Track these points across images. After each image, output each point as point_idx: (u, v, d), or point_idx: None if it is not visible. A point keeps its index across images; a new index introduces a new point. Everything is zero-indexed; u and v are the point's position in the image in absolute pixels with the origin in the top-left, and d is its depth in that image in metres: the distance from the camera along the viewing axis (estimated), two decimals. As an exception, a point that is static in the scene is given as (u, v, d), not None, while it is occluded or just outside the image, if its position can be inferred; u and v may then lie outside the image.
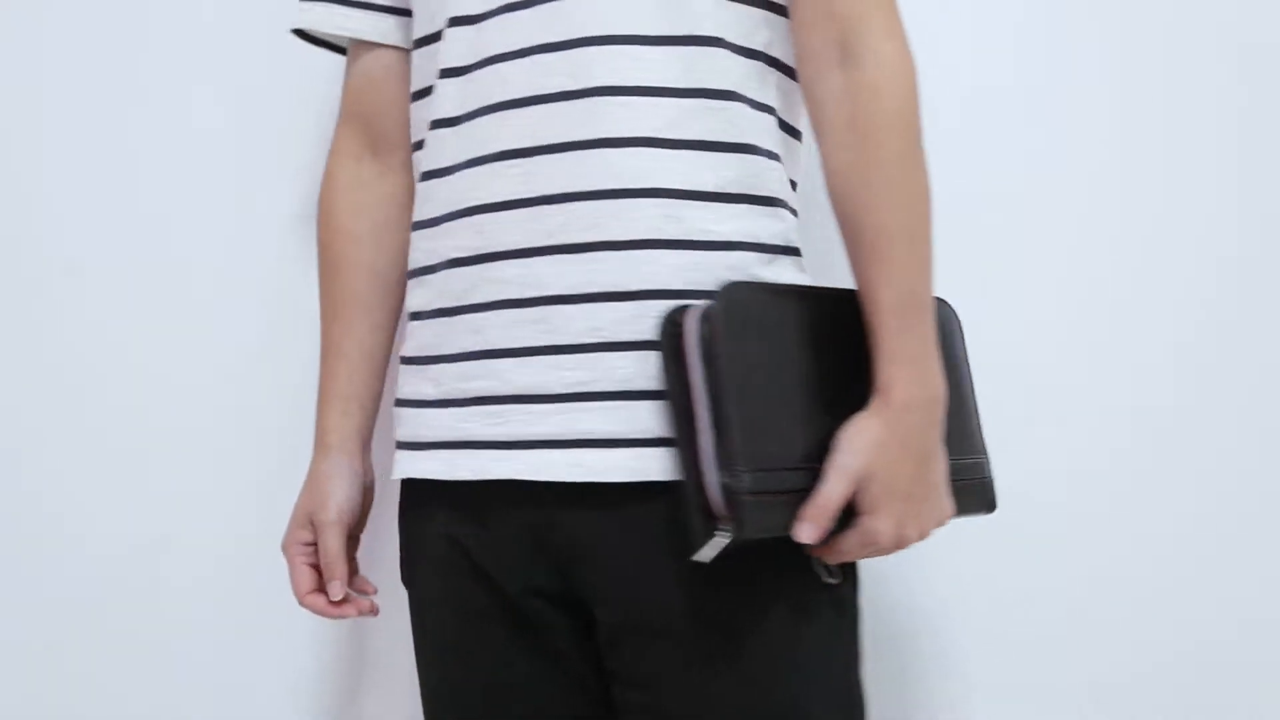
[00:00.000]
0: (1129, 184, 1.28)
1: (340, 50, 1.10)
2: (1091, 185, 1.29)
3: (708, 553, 0.82)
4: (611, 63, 0.88)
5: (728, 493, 0.81)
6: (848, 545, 0.86)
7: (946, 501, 0.89)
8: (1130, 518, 1.27)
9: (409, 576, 1.02)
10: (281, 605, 1.28)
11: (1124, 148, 1.28)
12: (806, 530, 0.83)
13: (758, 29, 0.92)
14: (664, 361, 0.85)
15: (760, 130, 0.92)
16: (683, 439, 0.84)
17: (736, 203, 0.90)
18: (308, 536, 1.03)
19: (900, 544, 0.86)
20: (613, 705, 0.93)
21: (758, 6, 0.93)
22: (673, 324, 0.85)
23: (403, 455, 0.98)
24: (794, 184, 0.98)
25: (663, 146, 0.88)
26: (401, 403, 0.99)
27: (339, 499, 1.01)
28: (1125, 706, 1.25)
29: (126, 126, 1.32)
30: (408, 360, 0.99)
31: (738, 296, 0.84)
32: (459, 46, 0.93)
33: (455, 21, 0.93)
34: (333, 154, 1.07)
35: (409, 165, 1.02)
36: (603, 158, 0.87)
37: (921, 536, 0.87)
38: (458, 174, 0.92)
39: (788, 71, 0.95)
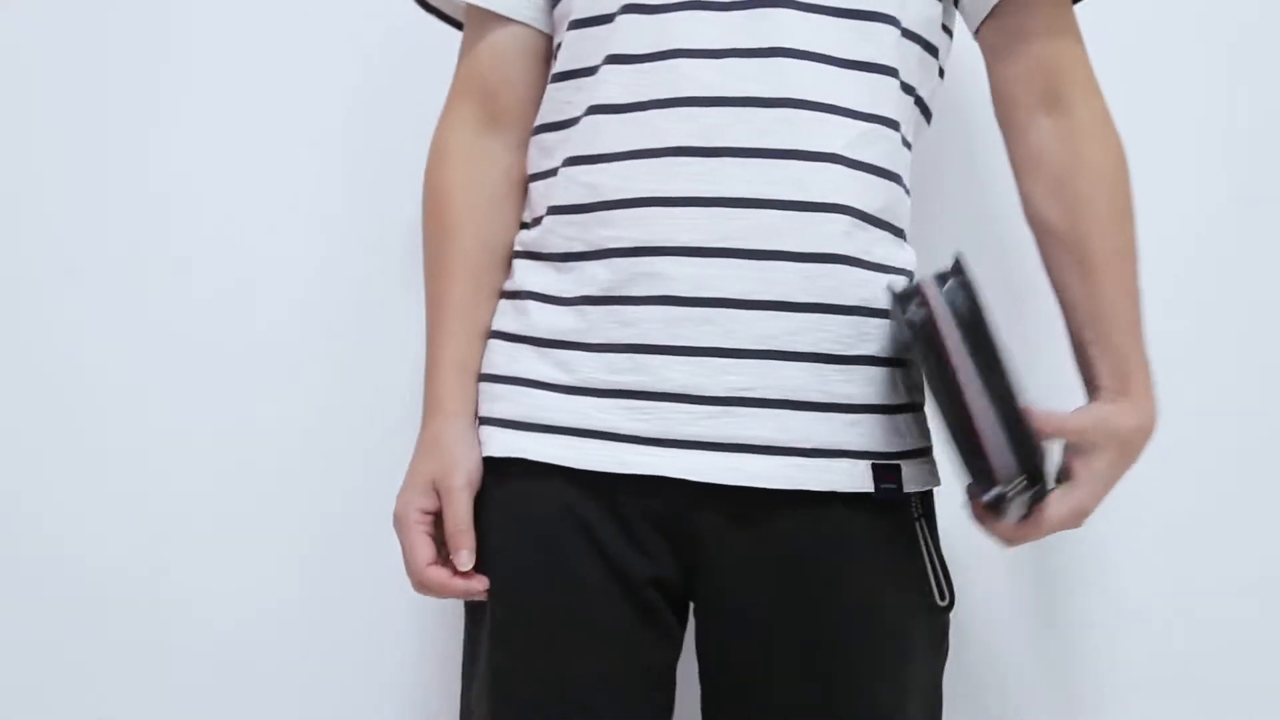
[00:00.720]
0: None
1: (453, 23, 1.08)
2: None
3: (1014, 512, 0.85)
4: (806, 78, 0.89)
5: (1033, 451, 0.83)
6: (1058, 513, 0.89)
7: None
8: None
9: (483, 555, 0.97)
10: (281, 606, 1.29)
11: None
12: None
13: (917, 68, 0.96)
14: (917, 335, 0.84)
15: (904, 164, 0.96)
16: (955, 414, 0.84)
17: (885, 229, 0.92)
18: (430, 504, 0.96)
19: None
20: (709, 703, 0.96)
21: (921, 46, 0.96)
22: (911, 298, 0.85)
23: (505, 433, 0.95)
24: None
25: (846, 165, 0.90)
26: (499, 379, 0.97)
27: (468, 464, 0.95)
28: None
29: (121, 125, 1.31)
30: (516, 338, 0.97)
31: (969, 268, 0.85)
32: (635, 34, 0.92)
33: (631, 9, 0.92)
34: (447, 126, 1.03)
35: (525, 145, 1.01)
36: (791, 169, 0.88)
37: None
38: (622, 163, 0.91)
39: (926, 114, 1.00)
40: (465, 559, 0.93)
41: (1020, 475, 0.83)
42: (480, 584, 0.94)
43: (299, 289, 1.31)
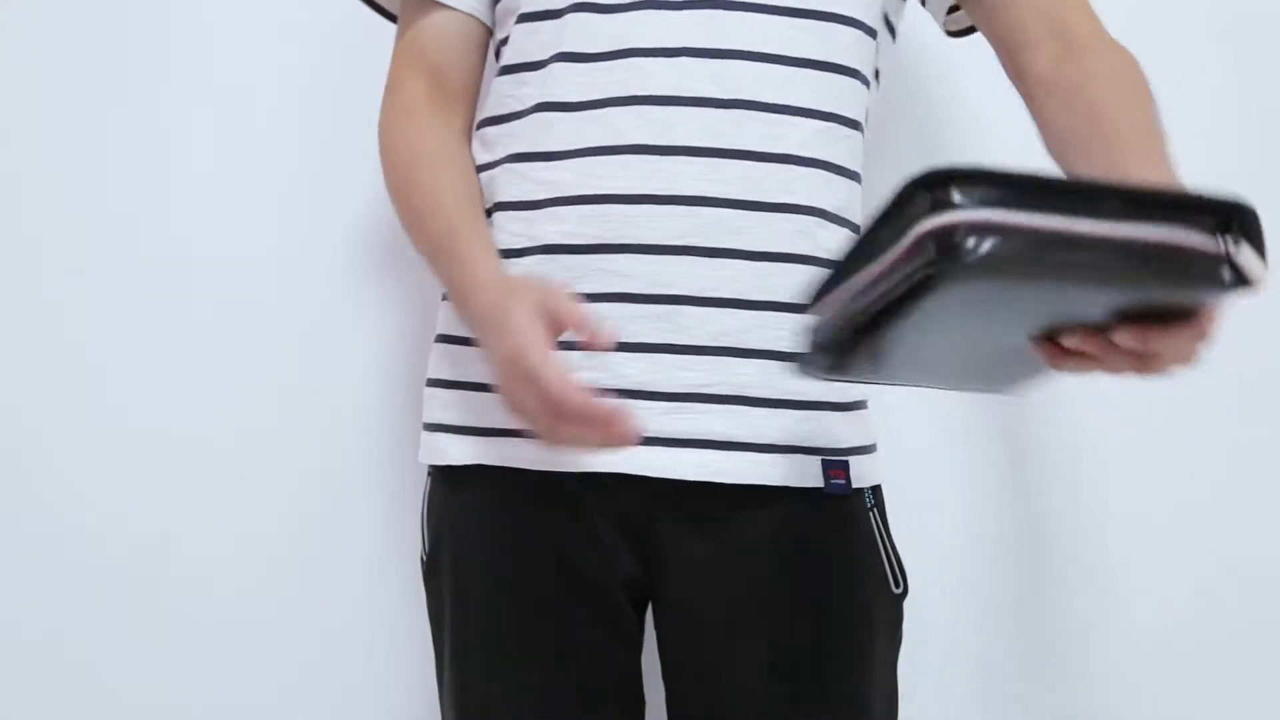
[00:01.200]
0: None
1: (387, 15, 1.07)
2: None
3: (1255, 268, 0.69)
4: (756, 79, 0.90)
5: (1196, 203, 0.69)
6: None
7: None
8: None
9: (441, 566, 0.97)
10: (281, 604, 1.30)
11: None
12: None
13: (870, 67, 0.96)
14: (1002, 260, 0.65)
15: (860, 162, 0.96)
16: (1115, 260, 0.67)
17: (841, 226, 0.93)
18: (550, 325, 0.81)
19: None
20: (674, 703, 0.96)
21: (873, 46, 0.96)
22: (956, 240, 0.67)
23: (461, 440, 0.94)
24: None
25: (800, 164, 0.90)
26: (451, 384, 0.96)
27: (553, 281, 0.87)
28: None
29: (120, 125, 1.32)
30: (465, 341, 0.95)
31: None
32: (587, 32, 0.92)
33: (582, 7, 0.92)
34: (396, 92, 1.00)
35: (470, 128, 1.00)
36: (742, 169, 0.89)
37: None
38: (574, 160, 0.90)
39: (867, 112, 0.98)
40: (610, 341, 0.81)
41: (1217, 230, 0.69)
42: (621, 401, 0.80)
43: (297, 287, 1.31)
